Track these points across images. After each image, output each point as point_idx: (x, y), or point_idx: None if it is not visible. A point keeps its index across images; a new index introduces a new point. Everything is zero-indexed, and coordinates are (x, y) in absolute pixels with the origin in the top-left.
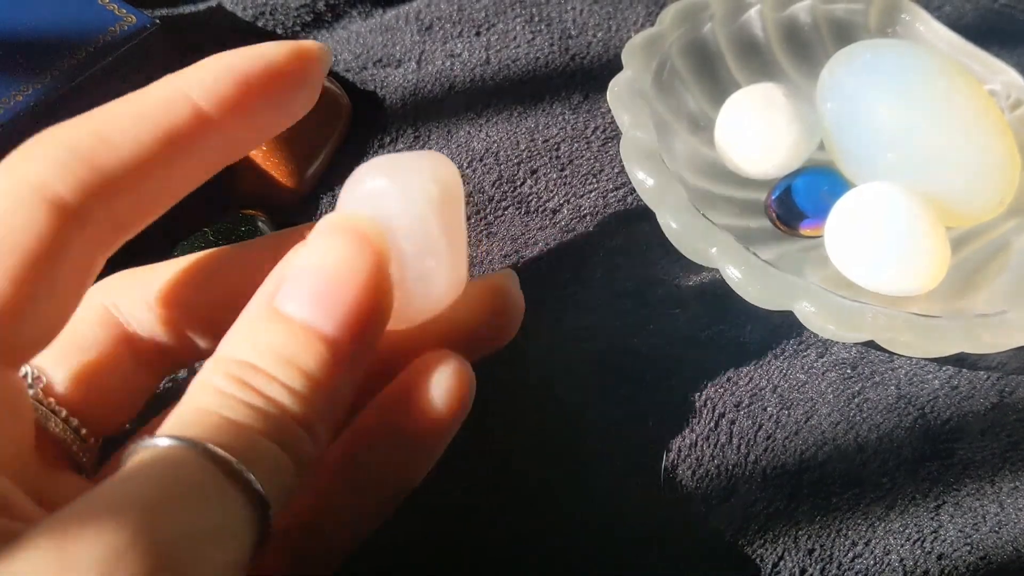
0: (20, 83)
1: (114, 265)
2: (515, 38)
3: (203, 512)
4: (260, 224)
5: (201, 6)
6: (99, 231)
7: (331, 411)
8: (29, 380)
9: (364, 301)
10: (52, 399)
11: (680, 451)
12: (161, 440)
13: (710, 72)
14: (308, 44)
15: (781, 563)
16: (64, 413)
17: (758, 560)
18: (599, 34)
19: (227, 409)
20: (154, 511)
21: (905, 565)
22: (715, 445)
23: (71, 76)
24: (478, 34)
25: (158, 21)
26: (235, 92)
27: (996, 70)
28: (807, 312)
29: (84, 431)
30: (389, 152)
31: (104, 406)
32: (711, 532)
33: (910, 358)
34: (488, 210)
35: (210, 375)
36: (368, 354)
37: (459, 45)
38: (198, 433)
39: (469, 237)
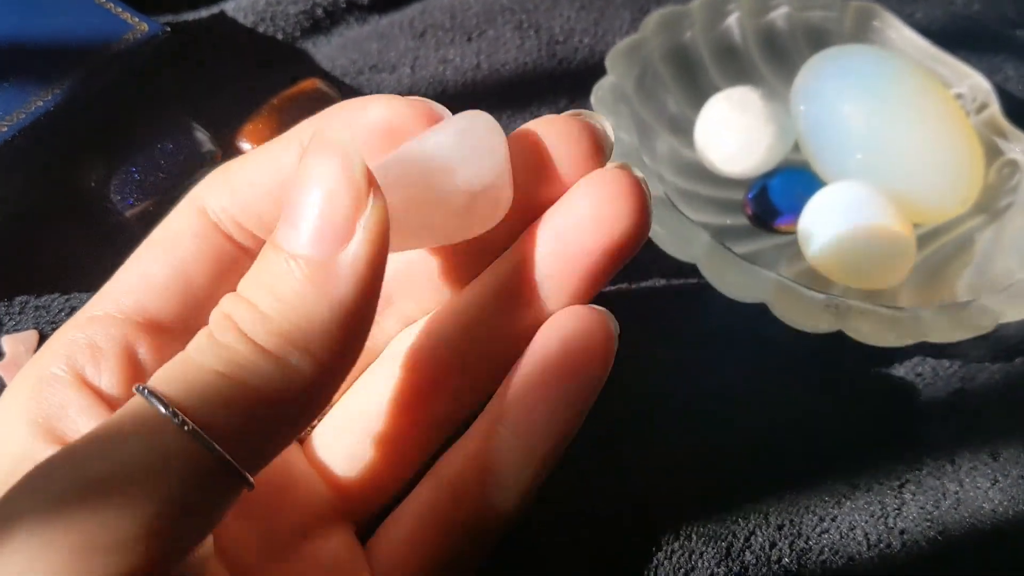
0: (38, 90)
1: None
2: (505, 44)
3: (135, 453)
4: None
5: (204, 13)
6: (239, 237)
7: (311, 332)
8: None
9: (328, 214)
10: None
11: (652, 439)
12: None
13: (691, 76)
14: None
15: (752, 537)
16: None
17: (730, 536)
18: (585, 39)
19: (200, 354)
20: (96, 454)
21: (869, 539)
22: (686, 431)
23: (87, 83)
24: (469, 40)
25: (168, 29)
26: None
27: (963, 74)
28: (778, 304)
29: None
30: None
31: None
32: (683, 512)
33: (877, 347)
34: None
35: (212, 314)
36: (350, 269)
37: (451, 51)
38: (159, 384)
39: None
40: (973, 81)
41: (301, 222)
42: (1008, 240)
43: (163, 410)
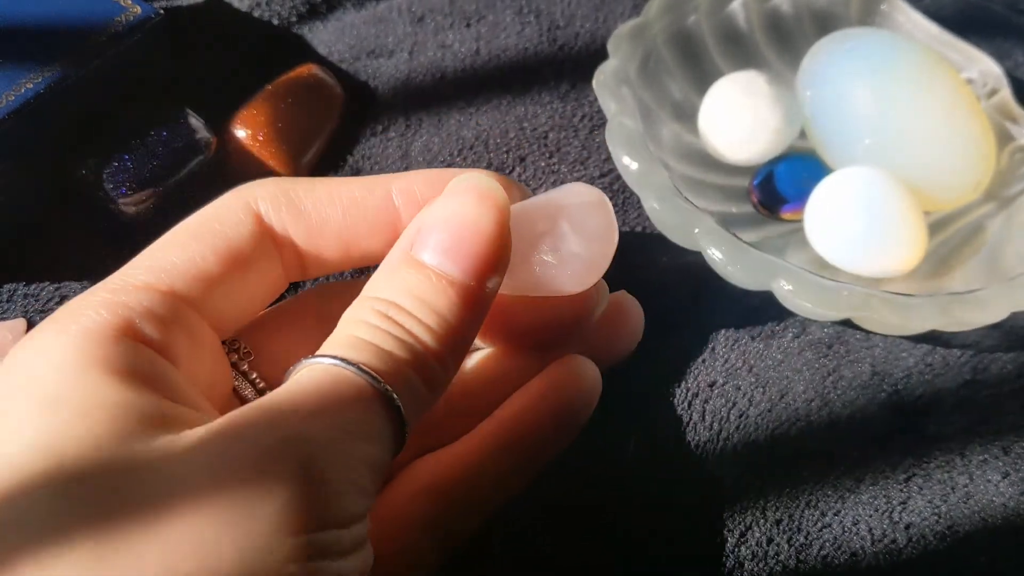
0: (30, 71)
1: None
2: (505, 29)
3: (350, 417)
4: None
5: None
6: (289, 255)
7: (460, 345)
8: (240, 352)
9: (487, 253)
10: (252, 371)
11: (652, 430)
12: (321, 359)
13: (695, 61)
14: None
15: (748, 533)
16: (254, 376)
17: (724, 531)
18: (587, 24)
19: (376, 339)
20: (309, 415)
21: (873, 534)
22: (687, 423)
23: (80, 64)
24: (468, 25)
25: (162, 12)
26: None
27: (973, 59)
28: (785, 291)
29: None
30: (381, 140)
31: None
32: (678, 506)
33: (885, 337)
34: None
35: (359, 311)
36: (490, 298)
37: (450, 36)
38: (352, 355)
39: None
40: (983, 66)
41: (456, 252)
42: (1020, 227)
43: (377, 385)
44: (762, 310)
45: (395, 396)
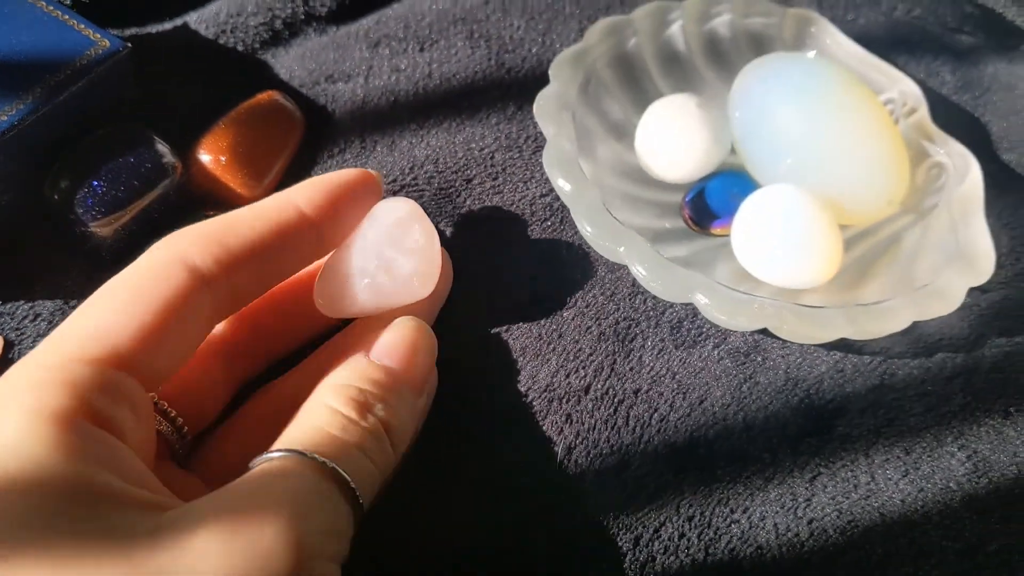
0: (4, 104)
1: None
2: (456, 53)
3: (325, 515)
4: None
5: (168, 25)
6: (220, 298)
7: (409, 431)
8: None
9: (428, 363)
10: (163, 402)
11: (579, 435)
12: (288, 453)
13: (635, 83)
14: (370, 172)
15: (662, 529)
16: (173, 413)
17: (640, 527)
18: (534, 49)
19: (337, 428)
20: (295, 514)
21: (778, 529)
22: (612, 428)
23: (49, 98)
24: (422, 50)
25: (129, 45)
26: (327, 200)
27: (894, 79)
28: (703, 304)
29: (185, 429)
30: (338, 162)
31: (194, 400)
32: (599, 505)
33: (800, 345)
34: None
35: (325, 395)
36: (426, 394)
37: (404, 61)
38: (317, 448)
39: None
40: (904, 86)
41: (414, 365)
42: (933, 239)
43: (346, 475)
44: (685, 321)
45: (355, 487)
